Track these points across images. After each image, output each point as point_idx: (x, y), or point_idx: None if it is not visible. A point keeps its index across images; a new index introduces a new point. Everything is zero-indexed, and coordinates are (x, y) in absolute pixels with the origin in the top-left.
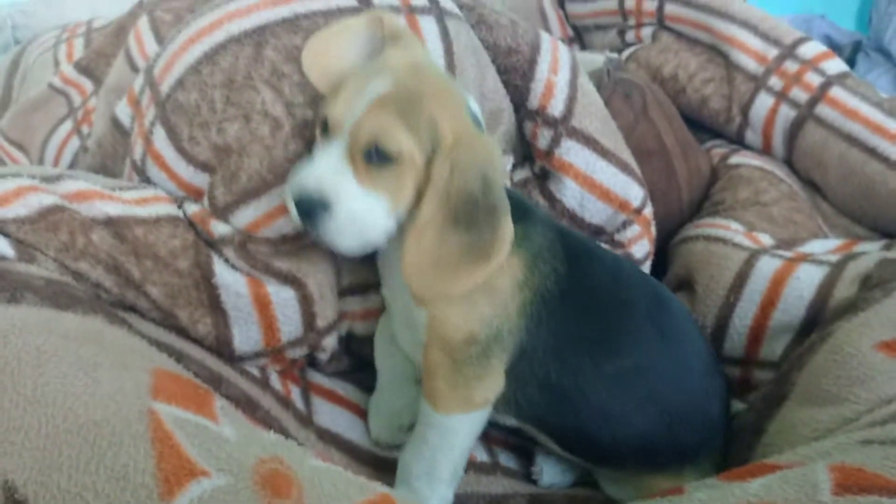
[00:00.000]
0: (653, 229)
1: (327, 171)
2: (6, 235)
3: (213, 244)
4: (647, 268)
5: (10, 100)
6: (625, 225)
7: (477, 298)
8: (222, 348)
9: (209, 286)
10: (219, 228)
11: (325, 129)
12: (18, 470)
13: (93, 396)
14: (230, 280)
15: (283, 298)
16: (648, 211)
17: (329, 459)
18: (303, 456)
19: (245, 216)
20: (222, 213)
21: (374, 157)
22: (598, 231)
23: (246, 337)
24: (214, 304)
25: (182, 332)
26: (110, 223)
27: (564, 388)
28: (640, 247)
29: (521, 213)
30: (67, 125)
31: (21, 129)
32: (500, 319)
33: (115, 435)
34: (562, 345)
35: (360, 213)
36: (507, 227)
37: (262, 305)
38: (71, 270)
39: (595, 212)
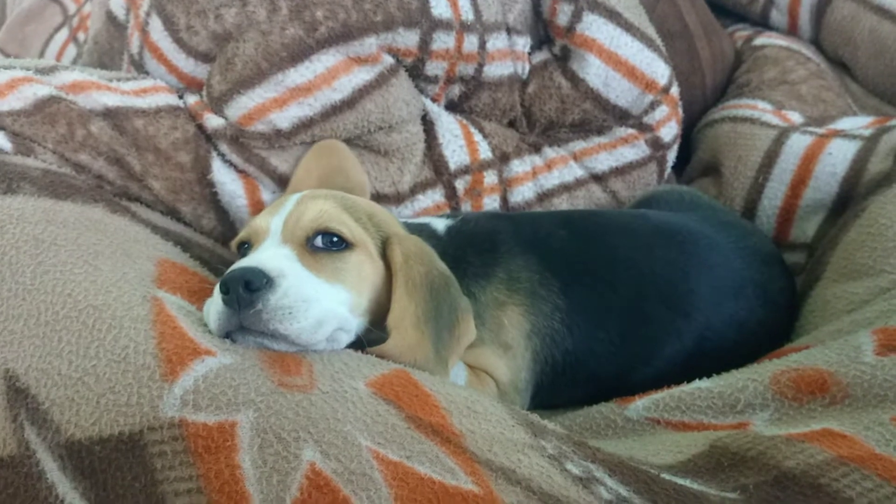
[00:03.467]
0: (680, 110)
1: (266, 255)
2: (2, 129)
3: (209, 138)
4: (674, 150)
5: (4, 18)
6: (652, 106)
7: (496, 361)
8: (229, 244)
9: (208, 183)
10: (212, 121)
11: (244, 249)
12: (19, 358)
13: (93, 283)
14: (226, 178)
15: None
16: (675, 90)
17: None
18: None
19: (239, 106)
20: (217, 102)
21: (319, 245)
22: (623, 115)
23: None
24: (214, 201)
25: (189, 224)
26: (109, 114)
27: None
28: (669, 129)
29: (492, 249)
30: (63, 34)
31: (17, 42)
32: (522, 369)
33: (115, 318)
34: (599, 349)
35: (312, 295)
36: (468, 328)
37: (258, 211)
38: (71, 163)
39: (620, 92)
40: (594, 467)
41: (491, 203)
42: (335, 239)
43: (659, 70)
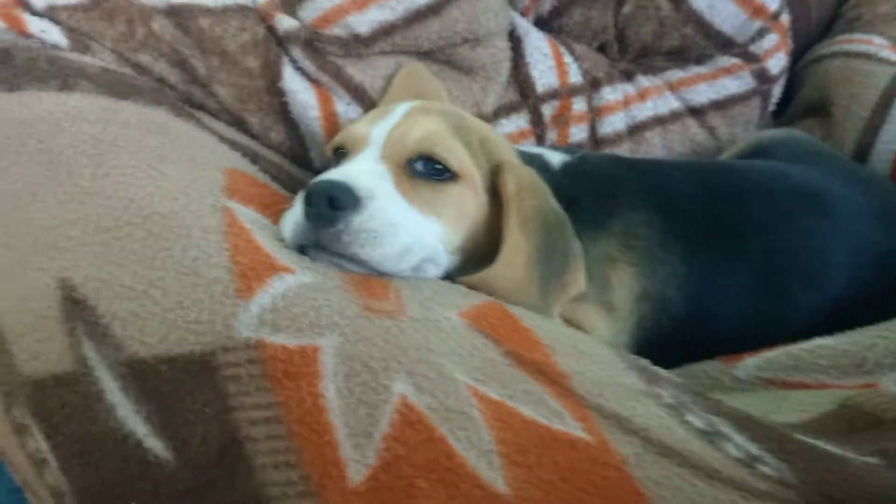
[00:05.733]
0: (790, 40)
1: (359, 169)
2: (57, 23)
3: (280, 41)
4: (780, 85)
5: None
6: (760, 33)
7: (597, 320)
8: (299, 160)
9: (278, 91)
10: (284, 23)
11: (339, 154)
12: (76, 267)
13: (158, 188)
14: (298, 87)
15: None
16: (786, 17)
17: None
18: None
19: (315, 7)
20: (290, 2)
21: (420, 170)
22: (727, 43)
23: (322, 157)
24: (284, 112)
25: (256, 137)
26: (172, 12)
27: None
28: (777, 60)
29: (611, 197)
30: None
31: None
32: (624, 333)
33: (183, 227)
34: (716, 324)
35: (401, 220)
36: (578, 277)
37: (331, 124)
38: (131, 63)
39: (726, 16)
40: (718, 420)
41: (578, 133)
42: (438, 166)
43: None
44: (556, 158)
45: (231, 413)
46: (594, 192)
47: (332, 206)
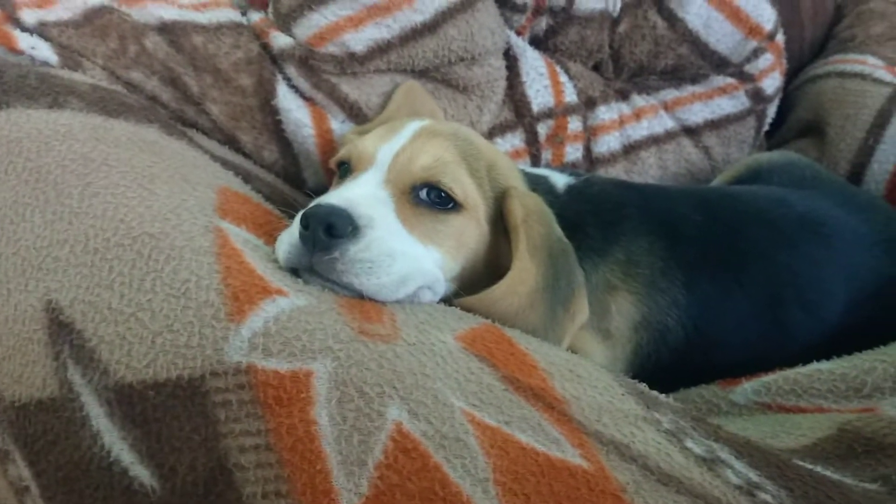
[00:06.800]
0: (784, 60)
1: (360, 194)
2: (48, 40)
3: (275, 59)
4: (774, 107)
5: None
6: (756, 53)
7: (593, 346)
8: (292, 180)
9: (271, 109)
10: (279, 41)
11: (343, 169)
12: (63, 289)
13: (149, 209)
14: (292, 105)
15: None
16: (781, 38)
17: None
18: None
19: (310, 25)
20: (286, 19)
21: (423, 198)
22: (722, 63)
23: (315, 176)
24: (278, 130)
25: (249, 156)
26: (165, 29)
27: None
28: (772, 80)
29: (615, 223)
30: None
31: None
32: (619, 360)
33: (174, 249)
34: (715, 352)
35: (398, 250)
36: (583, 306)
37: (326, 142)
38: (122, 80)
39: (722, 35)
40: (717, 447)
41: (573, 153)
42: (442, 195)
43: (765, 14)
44: (560, 181)
45: (220, 440)
46: (598, 217)
47: (330, 232)
